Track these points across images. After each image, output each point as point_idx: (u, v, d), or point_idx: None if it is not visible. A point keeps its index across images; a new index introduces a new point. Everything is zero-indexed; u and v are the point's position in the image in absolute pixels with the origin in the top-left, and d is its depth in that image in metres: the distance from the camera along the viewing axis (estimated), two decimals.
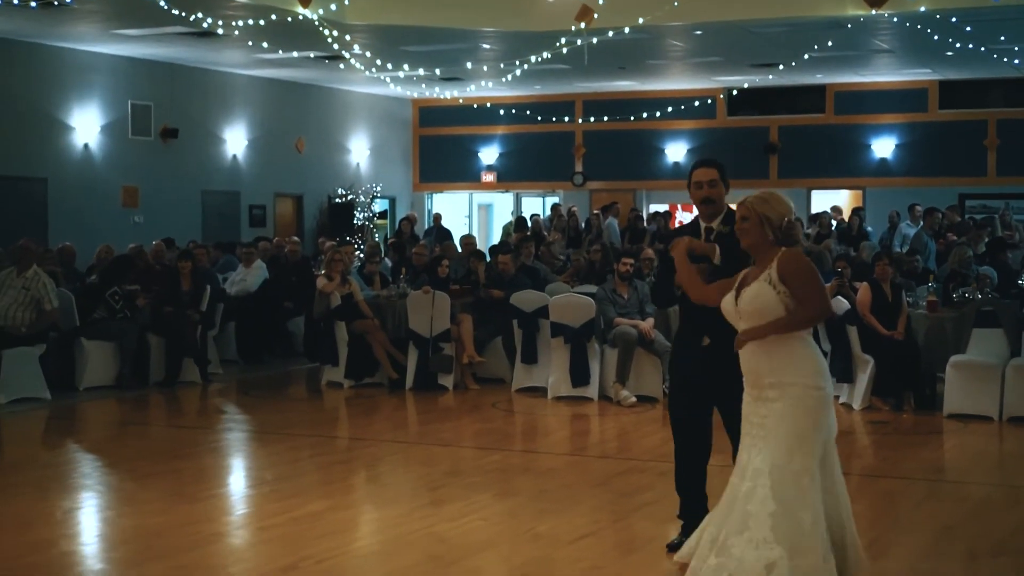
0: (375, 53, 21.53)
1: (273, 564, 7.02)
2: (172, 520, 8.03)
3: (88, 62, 21.81)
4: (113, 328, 14.34)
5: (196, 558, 7.15)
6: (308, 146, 27.24)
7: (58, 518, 8.24)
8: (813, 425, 5.99)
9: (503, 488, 9.11)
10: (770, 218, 6.12)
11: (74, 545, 7.63)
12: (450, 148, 30.62)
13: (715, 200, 7.09)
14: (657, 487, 9.01)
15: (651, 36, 20.54)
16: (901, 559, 7.16)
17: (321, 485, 9.27)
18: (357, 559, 7.12)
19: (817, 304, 6.06)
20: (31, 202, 20.80)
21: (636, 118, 27.42)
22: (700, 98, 27.26)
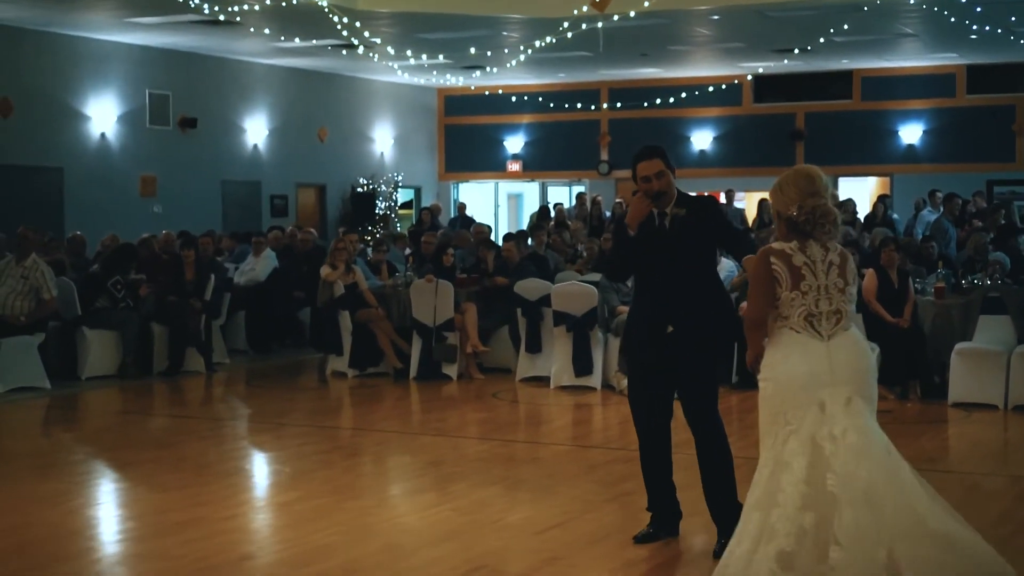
0: (389, 41, 21.42)
1: (228, 554, 6.91)
2: (139, 509, 7.95)
3: (104, 51, 21.80)
4: (115, 317, 14.30)
5: (152, 547, 7.05)
6: (331, 135, 27.16)
7: (18, 507, 8.16)
8: (767, 417, 5.76)
9: (483, 478, 8.95)
10: (778, 211, 5.85)
11: (27, 534, 7.52)
12: (476, 137, 30.47)
13: (666, 191, 6.83)
14: (637, 477, 8.74)
15: (670, 21, 20.33)
16: None
17: (299, 474, 9.16)
18: (313, 549, 6.97)
19: (746, 311, 5.88)
20: (47, 192, 20.81)
21: (661, 106, 27.15)
22: (725, 85, 26.96)
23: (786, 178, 5.84)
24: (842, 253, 5.83)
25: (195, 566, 6.67)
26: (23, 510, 8.00)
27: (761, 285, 5.76)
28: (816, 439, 5.56)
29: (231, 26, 19.97)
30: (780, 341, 5.77)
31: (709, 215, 6.90)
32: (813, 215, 5.70)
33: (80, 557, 6.94)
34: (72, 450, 10.60)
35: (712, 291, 6.94)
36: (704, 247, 6.95)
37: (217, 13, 17.79)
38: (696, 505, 7.11)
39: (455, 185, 31.41)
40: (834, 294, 5.74)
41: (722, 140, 28.19)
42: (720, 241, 7.14)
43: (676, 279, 6.84)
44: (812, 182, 5.78)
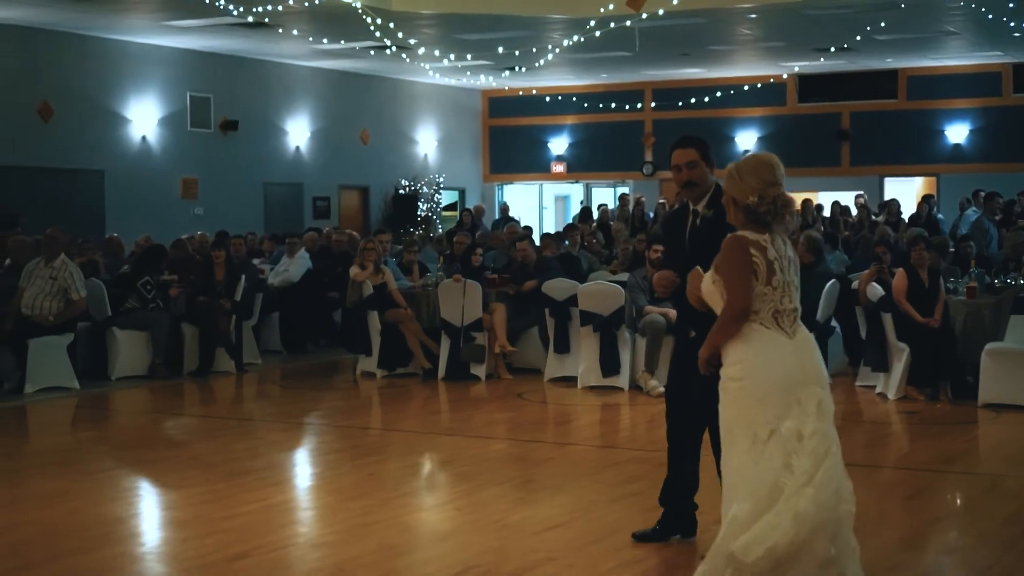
0: (429, 42, 21.42)
1: (224, 552, 6.87)
2: (140, 507, 7.94)
3: (145, 54, 21.96)
4: (145, 318, 14.35)
5: (147, 546, 7.04)
6: (374, 137, 27.22)
7: (19, 505, 8.19)
8: (735, 418, 5.61)
9: (491, 478, 8.88)
10: (735, 198, 5.68)
11: (18, 533, 7.52)
12: (520, 139, 30.44)
13: (697, 182, 6.64)
14: (650, 476, 8.71)
15: (707, 20, 20.21)
16: (872, 551, 6.80)
17: (307, 474, 9.15)
18: (309, 548, 6.94)
19: (731, 302, 5.58)
20: (88, 194, 21.01)
21: (705, 106, 26.99)
22: (769, 85, 26.76)
23: (746, 165, 5.69)
24: (792, 248, 5.76)
25: (184, 565, 6.64)
26: (21, 509, 8.03)
27: (745, 274, 5.60)
28: (790, 435, 5.45)
29: (270, 29, 20.05)
30: (752, 338, 5.60)
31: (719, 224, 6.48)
32: (775, 205, 5.57)
33: (68, 557, 6.91)
34: (88, 449, 10.62)
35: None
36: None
37: (250, 15, 17.83)
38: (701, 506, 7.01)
39: (499, 187, 31.38)
40: (793, 291, 5.66)
41: (766, 140, 27.98)
42: None
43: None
44: (773, 171, 5.65)
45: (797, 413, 5.49)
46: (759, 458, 5.49)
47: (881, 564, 6.59)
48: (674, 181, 6.87)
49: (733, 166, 5.72)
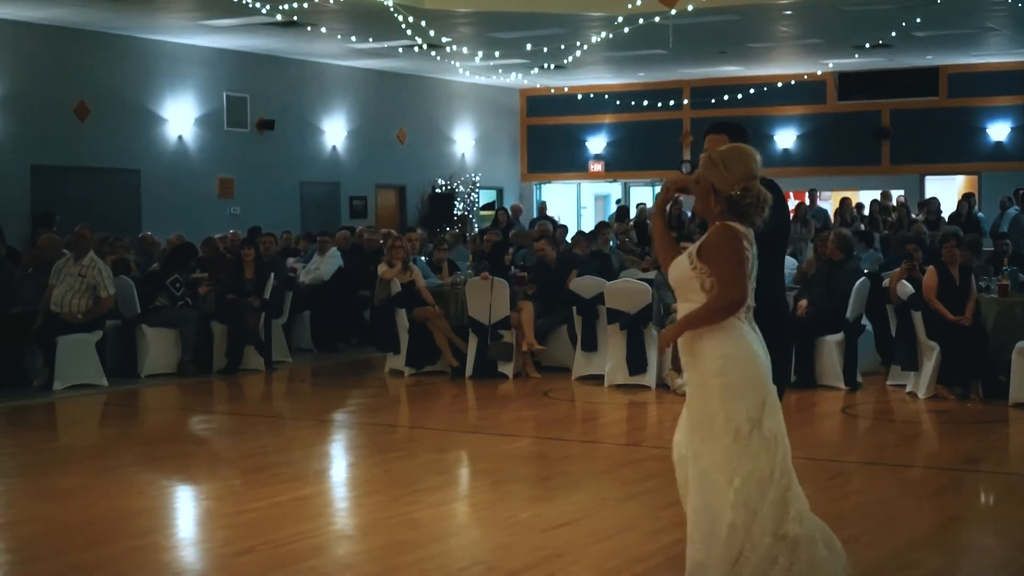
0: (464, 40, 21.39)
1: (229, 547, 6.86)
2: (151, 504, 7.93)
3: (181, 54, 22.05)
4: (174, 315, 14.39)
5: (149, 542, 7.01)
6: (411, 136, 27.22)
7: (34, 500, 8.21)
8: (716, 414, 5.40)
9: (507, 475, 8.83)
10: (716, 186, 5.48)
11: (39, 527, 7.54)
12: (558, 138, 30.37)
13: None
14: (667, 474, 8.58)
15: (742, 18, 20.07)
16: (884, 550, 6.70)
17: (324, 470, 9.12)
18: (315, 544, 6.91)
19: (728, 295, 5.39)
20: (125, 194, 21.11)
21: (744, 104, 26.82)
22: (809, 82, 26.57)
23: (731, 154, 5.51)
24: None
25: (188, 560, 6.64)
26: (34, 503, 8.05)
27: (743, 266, 5.42)
28: (768, 432, 5.38)
29: (306, 28, 20.08)
30: (731, 332, 5.43)
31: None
32: (757, 199, 5.45)
33: (72, 552, 6.91)
34: (111, 445, 10.67)
35: (764, 294, 6.01)
36: (763, 244, 6.05)
37: (278, 12, 17.84)
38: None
39: (537, 186, 31.32)
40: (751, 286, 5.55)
41: (806, 139, 27.79)
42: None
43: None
44: (757, 164, 5.51)
45: (770, 410, 5.40)
46: (743, 453, 5.38)
47: (893, 562, 6.49)
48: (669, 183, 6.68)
49: (716, 154, 5.53)
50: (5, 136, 19.56)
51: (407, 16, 18.12)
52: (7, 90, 19.57)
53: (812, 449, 9.80)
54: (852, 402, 12.28)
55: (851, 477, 8.85)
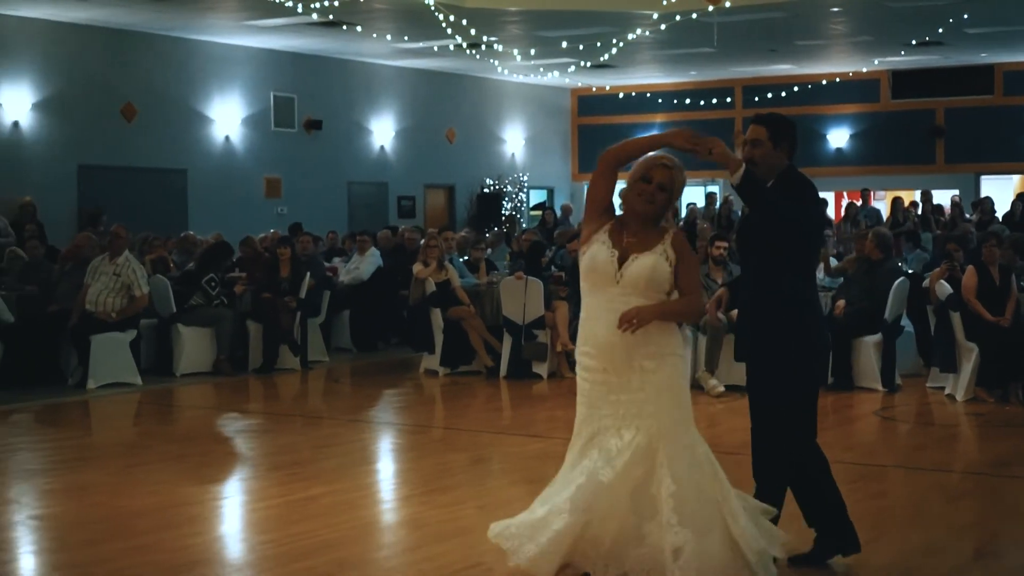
0: (510, 40, 21.33)
1: (227, 549, 6.81)
2: (162, 501, 7.91)
3: (228, 55, 22.15)
4: (209, 314, 14.41)
5: (151, 540, 6.98)
6: (460, 136, 27.19)
7: (48, 497, 8.21)
8: (685, 388, 5.78)
9: (523, 475, 8.73)
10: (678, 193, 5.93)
11: (45, 524, 7.54)
12: (609, 137, 30.02)
13: (757, 162, 6.16)
14: None
15: (789, 15, 19.86)
16: (894, 555, 6.54)
17: (343, 469, 9.03)
18: (314, 545, 6.83)
19: (697, 300, 5.72)
20: (172, 194, 21.22)
21: (797, 103, 26.55)
22: (862, 81, 26.24)
23: (645, 158, 5.88)
24: None
25: (191, 558, 6.58)
26: (48, 501, 8.06)
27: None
28: None
29: (351, 28, 20.09)
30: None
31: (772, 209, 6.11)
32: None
33: (72, 549, 6.90)
34: (135, 443, 10.70)
35: (774, 294, 6.06)
36: (773, 241, 6.10)
37: (314, 12, 17.85)
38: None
39: (588, 185, 31.14)
40: None
41: (859, 137, 27.47)
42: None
43: (748, 273, 6.33)
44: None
45: None
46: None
47: (898, 567, 6.34)
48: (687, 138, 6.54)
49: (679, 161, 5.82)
50: (52, 136, 19.75)
51: (448, 15, 18.06)
52: (54, 91, 19.74)
53: (839, 452, 9.60)
54: (888, 404, 12.07)
55: (875, 480, 8.66)
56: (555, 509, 5.69)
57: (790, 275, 6.11)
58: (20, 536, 7.21)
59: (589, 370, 5.83)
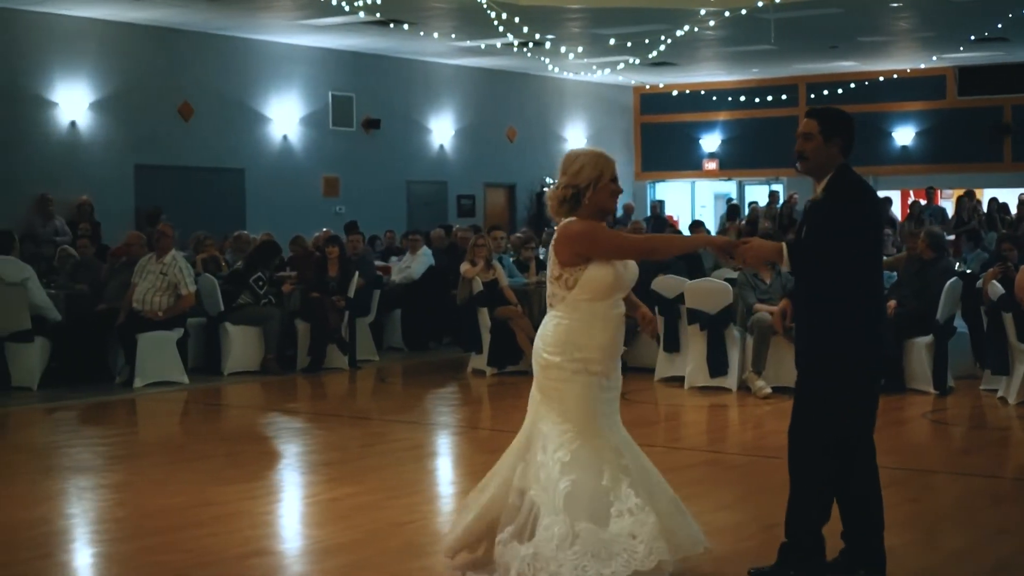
0: (568, 37, 21.23)
1: (243, 548, 6.77)
2: (186, 501, 7.89)
3: (286, 54, 22.23)
4: (257, 313, 14.42)
5: (167, 540, 6.97)
6: (520, 135, 27.11)
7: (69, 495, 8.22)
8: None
9: None
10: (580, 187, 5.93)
11: (62, 524, 7.54)
12: (672, 136, 30.00)
13: (807, 156, 5.91)
14: (712, 480, 8.46)
15: (847, 11, 19.56)
16: (917, 562, 6.36)
17: (366, 470, 8.97)
18: (327, 547, 6.78)
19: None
20: (229, 192, 21.33)
21: (862, 100, 26.20)
22: (927, 77, 25.84)
23: (600, 156, 5.90)
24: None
25: (200, 559, 6.55)
26: (70, 500, 8.06)
27: None
28: None
29: (409, 27, 20.08)
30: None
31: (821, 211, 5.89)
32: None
33: (86, 548, 6.90)
34: (169, 442, 10.74)
35: (832, 300, 5.81)
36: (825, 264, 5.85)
37: (363, 10, 17.82)
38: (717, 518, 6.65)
39: (651, 184, 30.99)
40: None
41: (925, 135, 27.07)
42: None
43: (801, 283, 6.08)
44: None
45: None
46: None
47: (914, 572, 6.16)
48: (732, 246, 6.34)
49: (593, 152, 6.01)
50: (110, 136, 19.92)
51: (500, 13, 17.98)
52: (112, 90, 19.90)
53: (882, 455, 9.35)
54: (938, 407, 11.81)
55: (915, 484, 8.45)
56: (635, 510, 5.63)
57: (843, 284, 5.83)
58: (43, 536, 7.20)
59: (595, 375, 5.83)
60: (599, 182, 5.82)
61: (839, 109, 6.15)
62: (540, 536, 5.49)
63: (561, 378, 5.79)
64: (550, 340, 5.84)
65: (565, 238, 5.78)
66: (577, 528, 5.49)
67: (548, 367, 5.82)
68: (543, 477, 5.66)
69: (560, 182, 5.87)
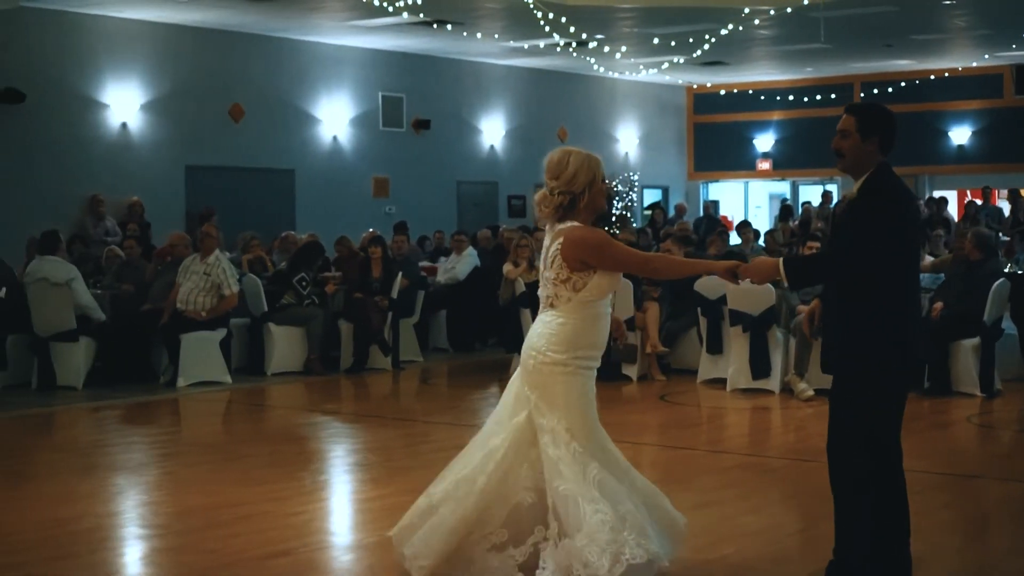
0: (618, 38, 21.14)
1: (264, 549, 6.76)
2: (210, 501, 7.90)
3: (336, 55, 22.29)
4: (301, 314, 14.46)
5: (189, 541, 6.97)
6: (572, 135, 26.99)
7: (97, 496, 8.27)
8: None
9: None
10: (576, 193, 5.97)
11: (86, 523, 7.57)
12: (725, 135, 29.81)
13: (843, 154, 5.77)
14: (745, 484, 8.37)
15: (901, 9, 19.34)
16: (932, 571, 6.25)
17: (398, 472, 8.95)
18: (350, 548, 6.79)
19: None
20: (279, 193, 21.42)
21: (917, 99, 25.89)
22: (984, 76, 25.50)
23: (590, 159, 5.91)
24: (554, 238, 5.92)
25: (222, 560, 6.56)
26: (99, 499, 8.10)
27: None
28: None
29: (455, 27, 20.07)
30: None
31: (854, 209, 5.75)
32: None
33: (106, 550, 6.92)
34: (208, 442, 10.78)
35: (857, 301, 5.68)
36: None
37: (405, 11, 17.83)
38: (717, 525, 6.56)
39: (704, 184, 30.80)
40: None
41: (981, 134, 26.71)
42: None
43: (830, 285, 5.94)
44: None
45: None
46: None
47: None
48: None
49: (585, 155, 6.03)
50: (160, 137, 20.06)
51: (547, 13, 17.92)
52: (163, 92, 20.05)
53: (918, 459, 9.24)
54: (984, 410, 11.64)
55: (942, 490, 8.28)
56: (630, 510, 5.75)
57: (870, 285, 5.68)
58: (67, 535, 7.24)
59: (592, 371, 6.11)
60: (593, 186, 5.85)
61: (880, 105, 5.99)
62: (591, 524, 5.54)
63: (566, 374, 5.91)
64: (556, 339, 5.91)
65: (573, 245, 5.81)
66: (621, 511, 5.61)
67: (553, 364, 5.90)
68: (565, 470, 5.71)
69: (552, 187, 5.89)
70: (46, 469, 9.49)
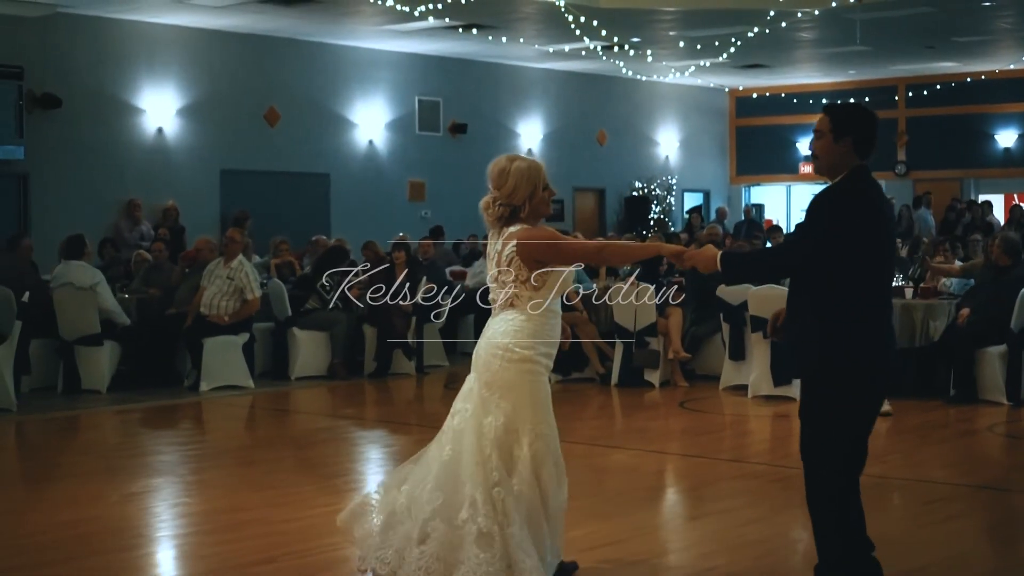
0: (653, 41, 21.06)
1: (255, 556, 6.74)
2: (209, 507, 7.91)
3: (372, 59, 22.33)
4: (325, 318, 14.48)
5: (189, 546, 6.96)
6: (611, 138, 26.93)
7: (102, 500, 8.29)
8: None
9: (585, 489, 8.24)
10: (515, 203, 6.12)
11: (87, 528, 7.59)
12: (768, 139, 29.60)
13: (817, 155, 5.55)
14: (750, 493, 8.26)
15: (940, 10, 19.12)
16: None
17: None
18: (341, 555, 6.73)
19: None
20: (314, 197, 21.50)
21: (963, 101, 25.61)
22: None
23: (529, 170, 6.06)
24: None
25: (206, 567, 6.55)
26: (103, 504, 8.12)
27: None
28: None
29: (483, 30, 20.05)
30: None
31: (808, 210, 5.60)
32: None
33: (105, 554, 6.92)
34: (223, 446, 10.76)
35: (814, 303, 5.45)
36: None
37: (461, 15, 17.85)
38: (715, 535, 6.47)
39: (746, 188, 30.60)
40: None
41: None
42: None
43: (792, 283, 5.69)
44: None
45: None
46: None
47: None
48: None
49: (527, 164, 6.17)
50: (196, 142, 20.18)
51: (579, 16, 17.86)
52: (198, 96, 20.16)
53: (931, 469, 9.23)
54: (1010, 419, 11.44)
55: (954, 501, 8.13)
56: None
57: (829, 288, 5.42)
58: (71, 537, 7.25)
59: (549, 370, 6.12)
60: (534, 197, 5.91)
61: (858, 105, 5.70)
62: (556, 507, 6.12)
63: (533, 371, 5.96)
64: (522, 335, 5.97)
65: (528, 245, 5.92)
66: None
67: (521, 361, 5.93)
68: (522, 469, 5.98)
69: (494, 197, 5.98)
70: (59, 471, 9.54)
